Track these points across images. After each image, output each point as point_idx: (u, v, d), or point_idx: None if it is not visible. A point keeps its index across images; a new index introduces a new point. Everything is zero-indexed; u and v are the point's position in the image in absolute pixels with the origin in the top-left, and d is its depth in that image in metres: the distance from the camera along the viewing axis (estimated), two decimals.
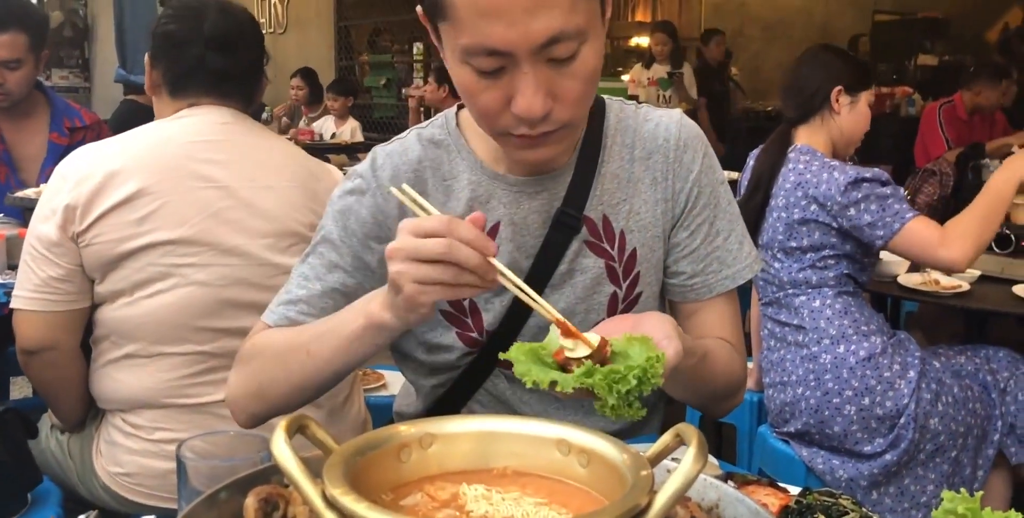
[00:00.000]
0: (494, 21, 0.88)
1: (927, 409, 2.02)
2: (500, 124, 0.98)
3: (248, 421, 1.14)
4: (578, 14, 0.91)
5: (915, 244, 2.03)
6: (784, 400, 2.15)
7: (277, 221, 1.61)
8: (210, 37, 1.64)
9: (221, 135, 1.63)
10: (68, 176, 1.55)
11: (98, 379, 1.64)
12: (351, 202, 1.15)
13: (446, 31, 0.95)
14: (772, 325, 2.22)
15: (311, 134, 6.51)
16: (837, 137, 2.25)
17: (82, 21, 14.31)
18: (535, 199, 1.13)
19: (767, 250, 2.20)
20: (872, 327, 2.11)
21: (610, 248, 1.16)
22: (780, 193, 2.16)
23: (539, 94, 0.93)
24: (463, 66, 0.95)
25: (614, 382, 0.79)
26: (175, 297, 1.56)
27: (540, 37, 0.89)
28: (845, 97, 2.23)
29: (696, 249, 1.18)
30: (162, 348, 1.58)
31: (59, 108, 2.59)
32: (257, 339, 1.13)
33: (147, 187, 1.54)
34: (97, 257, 1.55)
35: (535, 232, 1.13)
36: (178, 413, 1.59)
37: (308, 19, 9.03)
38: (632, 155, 1.17)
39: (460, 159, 1.14)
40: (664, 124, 1.17)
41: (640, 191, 1.16)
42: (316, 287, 1.13)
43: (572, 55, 0.93)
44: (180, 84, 1.67)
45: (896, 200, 2.04)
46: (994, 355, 2.20)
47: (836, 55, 2.36)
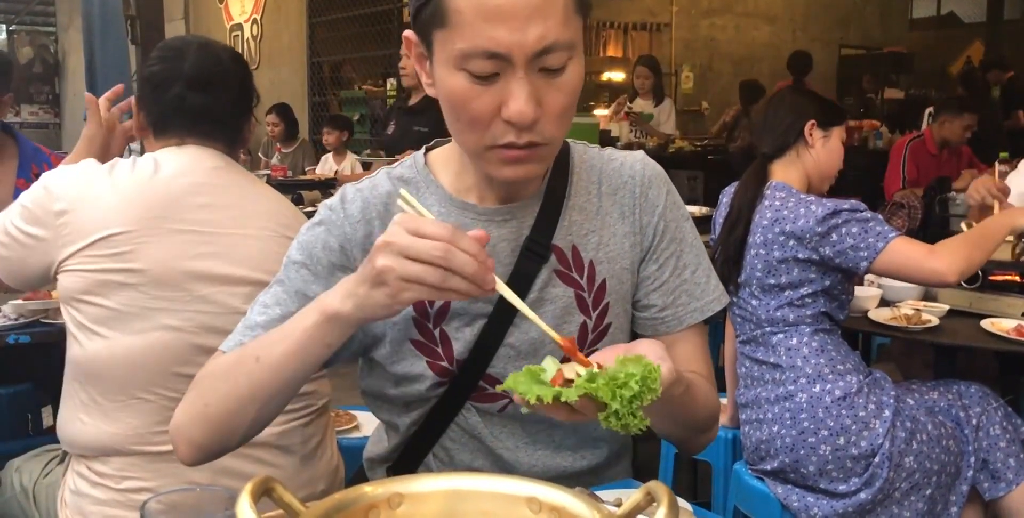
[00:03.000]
0: (497, 25, 0.93)
1: (902, 448, 2.03)
2: (488, 134, 1.00)
3: (189, 453, 1.09)
4: (570, 29, 0.97)
5: (902, 260, 2.04)
6: (760, 438, 2.15)
7: (255, 270, 1.59)
8: (189, 76, 1.63)
9: (210, 178, 1.61)
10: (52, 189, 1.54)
11: (67, 421, 1.60)
12: (319, 232, 1.15)
13: (442, 39, 0.98)
14: (749, 363, 2.22)
15: (284, 170, 6.49)
16: (812, 172, 2.27)
17: (52, 57, 14.29)
18: (504, 227, 1.14)
19: (746, 287, 2.21)
20: (848, 366, 2.11)
21: (579, 278, 1.17)
22: (758, 230, 2.17)
23: (531, 100, 0.96)
24: (457, 73, 0.98)
25: (617, 387, 0.80)
26: (146, 341, 1.53)
27: (538, 43, 0.94)
28: (818, 131, 2.26)
29: (666, 281, 1.20)
30: (132, 392, 1.55)
31: (27, 153, 2.55)
32: (208, 363, 1.12)
33: (129, 223, 1.52)
34: (73, 285, 1.52)
35: (504, 260, 1.14)
36: (146, 462, 1.56)
37: (281, 55, 9.06)
38: (599, 190, 1.19)
39: (429, 193, 1.16)
40: (628, 163, 1.21)
41: (608, 224, 1.18)
42: (275, 312, 1.13)
43: (562, 67, 0.98)
44: (162, 124, 1.66)
45: (877, 223, 2.07)
46: (966, 391, 2.21)
47: (806, 95, 2.40)
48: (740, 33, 10.49)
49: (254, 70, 10.00)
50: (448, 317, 1.14)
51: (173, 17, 10.05)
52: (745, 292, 2.21)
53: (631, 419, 0.80)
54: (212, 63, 1.66)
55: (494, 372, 1.16)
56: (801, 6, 10.90)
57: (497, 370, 1.16)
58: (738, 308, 2.24)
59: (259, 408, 1.05)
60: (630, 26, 9.64)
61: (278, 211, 1.68)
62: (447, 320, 1.14)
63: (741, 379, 2.26)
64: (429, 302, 1.13)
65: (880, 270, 2.11)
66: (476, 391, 1.17)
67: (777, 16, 10.76)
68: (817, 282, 2.12)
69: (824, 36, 10.77)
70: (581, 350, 1.16)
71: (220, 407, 1.05)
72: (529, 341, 1.15)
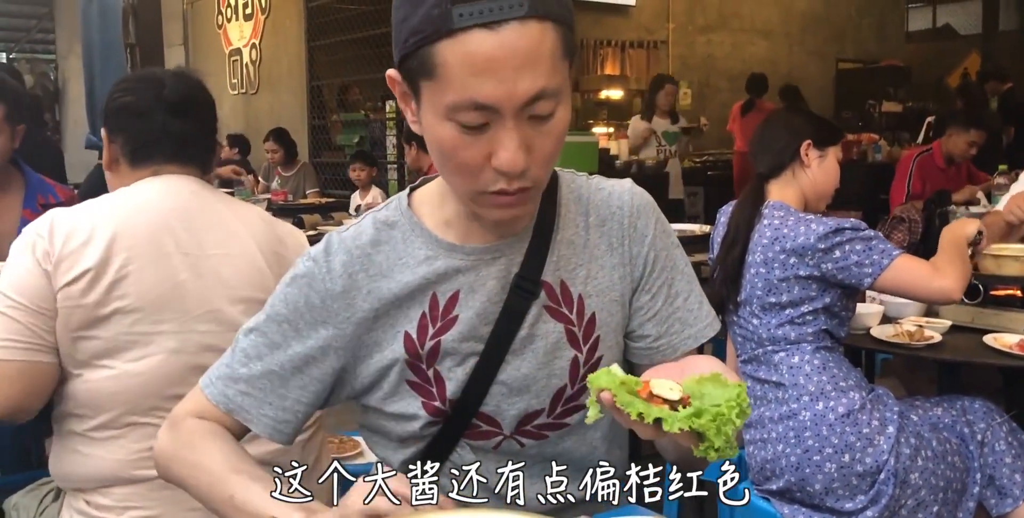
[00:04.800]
0: (485, 78, 0.93)
1: (907, 464, 2.02)
2: (479, 181, 1.00)
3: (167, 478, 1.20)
4: (557, 76, 0.97)
5: (908, 278, 2.06)
6: (764, 457, 2.14)
7: (246, 289, 1.61)
8: (170, 103, 1.65)
9: (191, 202, 1.64)
10: (43, 234, 1.54)
11: (62, 456, 1.60)
12: (302, 285, 1.15)
13: (430, 89, 0.97)
14: (752, 382, 2.22)
15: (284, 195, 6.51)
16: (809, 191, 2.28)
17: (52, 84, 14.35)
18: (492, 265, 1.14)
19: (746, 306, 2.20)
20: (850, 382, 2.11)
21: (569, 312, 1.16)
22: (757, 249, 2.17)
23: (521, 149, 0.97)
24: (446, 123, 0.97)
25: (722, 424, 0.81)
26: (147, 366, 1.54)
27: (526, 94, 0.94)
28: (814, 151, 2.27)
29: (659, 311, 1.20)
30: (134, 418, 1.55)
31: (34, 185, 2.56)
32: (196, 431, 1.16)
33: (119, 253, 1.53)
34: (70, 321, 1.52)
35: (494, 298, 1.14)
36: (148, 489, 1.55)
37: (280, 79, 9.10)
38: (587, 222, 1.19)
39: (415, 236, 1.15)
40: (616, 193, 1.20)
41: (596, 257, 1.18)
42: (256, 368, 1.15)
43: (551, 113, 0.98)
44: (142, 154, 1.67)
45: (880, 241, 2.09)
46: (970, 406, 2.20)
47: (802, 115, 2.41)
48: (737, 49, 10.53)
49: (253, 94, 10.10)
50: (440, 357, 1.14)
51: (172, 43, 10.10)
52: (745, 311, 2.21)
53: (728, 450, 0.82)
54: (191, 89, 1.70)
55: (487, 410, 1.16)
56: (797, 21, 10.94)
57: (490, 408, 1.16)
58: (739, 327, 2.24)
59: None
60: (627, 44, 9.66)
61: (256, 229, 1.69)
62: (439, 360, 1.14)
63: None
64: (419, 343, 1.13)
65: (884, 287, 2.12)
66: (470, 428, 1.17)
67: (773, 31, 10.80)
68: (818, 299, 2.12)
69: (821, 50, 10.81)
70: (573, 384, 1.17)
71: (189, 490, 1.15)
72: (521, 377, 1.15)
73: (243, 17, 9.53)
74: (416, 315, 1.13)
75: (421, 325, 1.13)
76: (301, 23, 8.49)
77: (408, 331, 1.13)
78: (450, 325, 1.13)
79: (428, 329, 1.13)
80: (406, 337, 1.13)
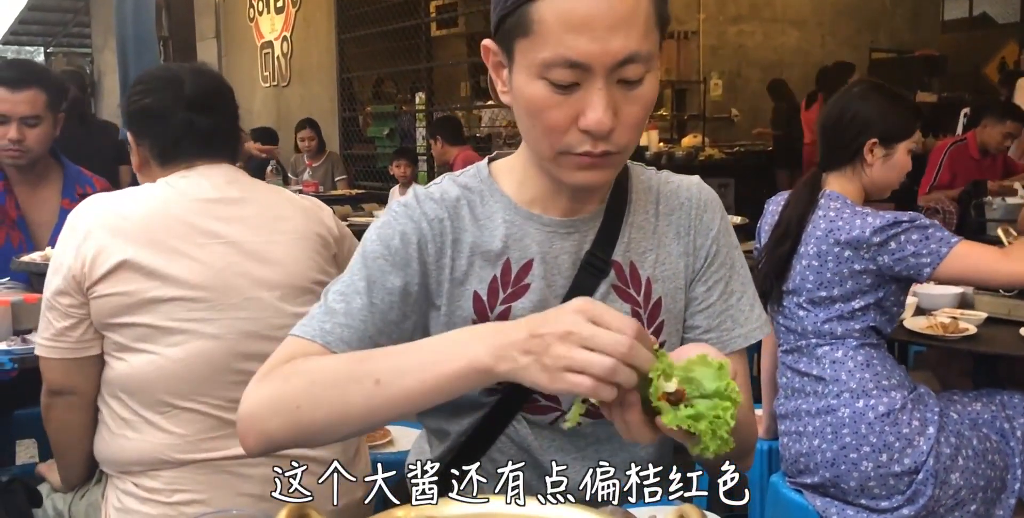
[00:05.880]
0: (580, 35, 0.96)
1: (947, 464, 1.99)
2: (564, 141, 1.02)
3: (257, 442, 1.04)
4: (649, 42, 1.00)
5: (971, 263, 1.99)
6: (799, 450, 2.12)
7: (287, 273, 1.65)
8: (192, 100, 1.68)
9: (227, 192, 1.67)
10: (78, 228, 1.58)
11: (108, 441, 1.63)
12: (396, 226, 1.14)
13: (524, 48, 1.00)
14: (791, 374, 2.18)
15: (315, 186, 6.55)
16: (869, 186, 2.18)
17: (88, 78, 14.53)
18: (567, 240, 1.16)
19: (793, 297, 2.15)
20: (893, 381, 2.06)
21: (636, 294, 1.18)
22: (810, 240, 2.10)
23: (609, 110, 0.98)
24: (537, 82, 1.00)
25: (717, 428, 0.82)
26: (188, 352, 1.57)
27: (619, 54, 0.97)
28: (880, 150, 2.13)
29: (712, 304, 1.21)
30: (178, 402, 1.58)
31: (72, 174, 2.62)
32: (299, 358, 1.06)
33: (155, 243, 1.57)
34: (108, 310, 1.56)
35: (565, 273, 1.16)
36: (196, 472, 1.58)
37: (311, 72, 9.15)
38: (657, 210, 1.21)
39: (494, 201, 1.17)
40: (685, 186, 1.23)
41: (664, 243, 1.20)
42: (356, 302, 1.10)
43: (640, 79, 1.00)
44: (170, 153, 1.69)
45: (937, 229, 2.01)
46: (1009, 401, 2.16)
47: (879, 100, 2.17)
48: (768, 39, 10.43)
49: (285, 86, 10.16)
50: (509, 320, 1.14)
51: (205, 36, 10.19)
52: (791, 301, 2.15)
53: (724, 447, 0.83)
54: (210, 84, 1.73)
55: None
56: (829, 10, 10.81)
57: None
58: (783, 317, 2.19)
59: (364, 428, 1.03)
60: None
61: (294, 213, 1.72)
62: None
63: (781, 389, 2.22)
64: (489, 306, 1.14)
65: (945, 276, 2.05)
66: (529, 401, 1.17)
67: (805, 21, 10.68)
68: (870, 294, 2.06)
69: (853, 40, 10.66)
70: None
71: (318, 415, 1.00)
72: None
73: (274, 10, 9.59)
74: (488, 277, 1.14)
75: (492, 288, 1.14)
76: (331, 16, 8.52)
77: (478, 292, 1.14)
78: (522, 292, 1.14)
79: (499, 293, 1.14)
80: (475, 298, 1.14)
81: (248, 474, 1.60)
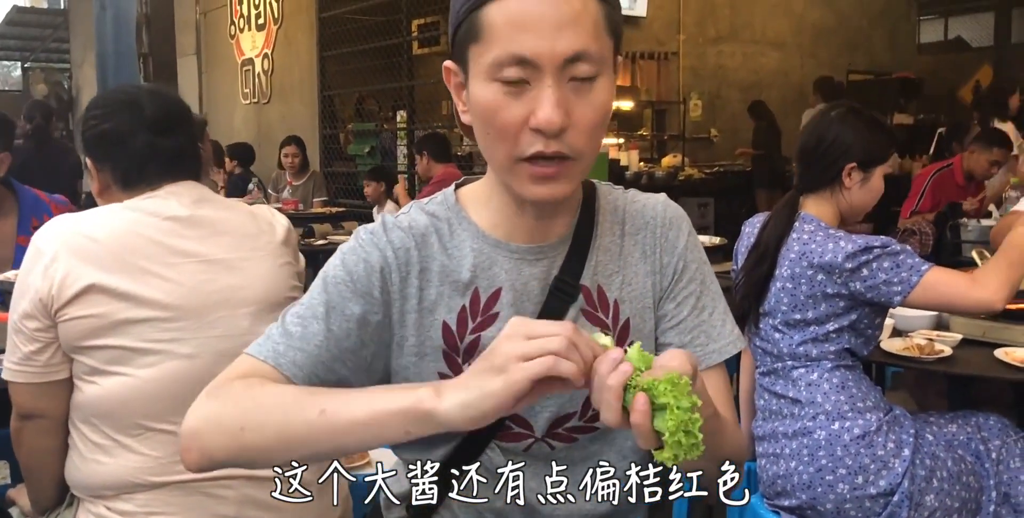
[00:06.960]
0: (527, 33, 0.98)
1: (922, 486, 1.99)
2: (518, 145, 1.02)
3: (199, 460, 1.04)
4: (600, 44, 1.01)
5: (942, 292, 2.00)
6: (776, 472, 2.12)
7: (262, 290, 1.63)
8: (153, 122, 1.65)
9: (195, 211, 1.65)
10: (45, 251, 1.55)
11: (79, 466, 1.60)
12: (360, 253, 1.13)
13: (477, 53, 1.02)
14: (768, 396, 2.19)
15: (295, 204, 6.52)
16: (846, 209, 2.20)
17: (66, 93, 14.46)
18: (535, 266, 1.16)
19: (769, 318, 2.16)
20: (869, 403, 2.07)
21: (605, 317, 1.18)
22: (785, 262, 2.12)
23: (559, 107, 0.99)
24: (490, 85, 1.01)
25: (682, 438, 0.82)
26: (163, 372, 1.55)
27: (567, 50, 0.98)
28: (858, 174, 2.16)
29: (683, 320, 1.20)
30: (153, 424, 1.56)
31: (27, 204, 2.50)
32: (253, 378, 1.06)
33: (125, 264, 1.54)
34: (77, 333, 1.54)
35: (535, 299, 1.15)
36: (171, 494, 1.56)
37: (292, 89, 9.14)
38: (622, 230, 1.21)
39: (462, 230, 1.17)
40: (651, 205, 1.23)
41: (630, 263, 1.20)
42: (313, 327, 1.09)
43: (592, 77, 1.01)
44: (134, 177, 1.66)
45: (908, 255, 2.02)
46: (984, 423, 2.17)
47: (858, 125, 2.19)
48: (748, 60, 10.54)
49: (265, 104, 10.13)
50: (478, 353, 1.13)
51: (186, 53, 10.18)
52: (767, 324, 2.17)
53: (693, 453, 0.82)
54: (170, 105, 1.71)
55: (521, 411, 1.14)
56: (808, 32, 10.95)
57: (524, 409, 1.15)
58: (759, 339, 2.20)
59: (308, 457, 1.01)
60: (638, 55, 9.67)
61: (260, 230, 1.71)
62: (475, 356, 1.13)
63: (759, 411, 2.22)
64: (459, 335, 1.14)
65: (917, 303, 2.06)
66: (502, 429, 1.17)
67: (784, 43, 10.81)
68: (844, 317, 2.08)
69: (832, 62, 10.79)
70: None
71: (260, 439, 1.00)
72: None
73: (255, 27, 9.58)
74: (456, 306, 1.14)
75: (460, 318, 1.14)
76: (313, 34, 8.53)
77: (447, 321, 1.13)
78: (491, 321, 1.14)
79: (468, 323, 1.14)
80: (444, 327, 1.13)
81: (223, 495, 1.58)
